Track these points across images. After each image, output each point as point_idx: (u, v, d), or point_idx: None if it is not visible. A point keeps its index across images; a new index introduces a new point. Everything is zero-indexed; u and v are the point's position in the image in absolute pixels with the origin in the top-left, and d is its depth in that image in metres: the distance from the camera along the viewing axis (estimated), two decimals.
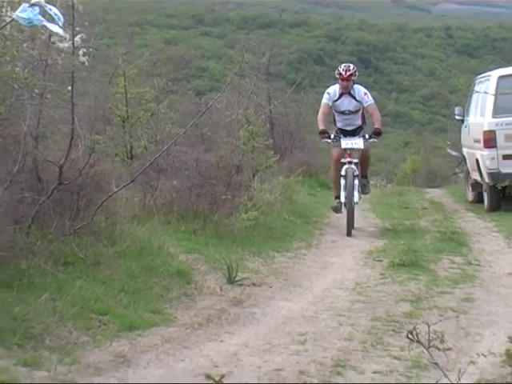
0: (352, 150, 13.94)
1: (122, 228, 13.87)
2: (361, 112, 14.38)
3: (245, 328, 11.48)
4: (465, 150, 23.09)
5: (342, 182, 14.13)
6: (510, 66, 22.57)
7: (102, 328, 10.77)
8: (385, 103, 53.85)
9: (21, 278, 11.04)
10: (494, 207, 20.35)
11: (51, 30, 11.97)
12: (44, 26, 11.80)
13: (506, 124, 20.27)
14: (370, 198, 24.70)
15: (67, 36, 12.28)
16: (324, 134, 14.47)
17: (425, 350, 4.46)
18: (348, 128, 14.23)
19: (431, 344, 4.27)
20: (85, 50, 13.17)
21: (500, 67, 22.58)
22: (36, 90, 12.54)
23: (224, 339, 10.87)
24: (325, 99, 14.32)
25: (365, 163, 14.58)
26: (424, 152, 32.72)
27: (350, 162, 13.76)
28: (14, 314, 10.10)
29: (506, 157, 20.26)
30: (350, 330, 11.42)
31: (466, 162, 23.39)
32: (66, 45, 12.44)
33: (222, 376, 3.79)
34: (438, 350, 4.36)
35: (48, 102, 12.73)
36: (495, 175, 20.51)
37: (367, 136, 14.28)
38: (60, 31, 12.02)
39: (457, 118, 23.79)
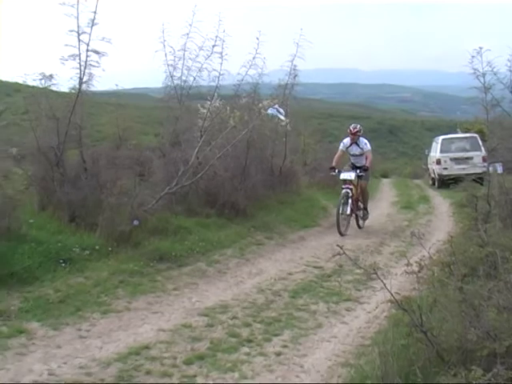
0: (348, 180, 10.89)
1: (301, 190, 13.75)
2: (364, 155, 11.32)
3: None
4: (429, 166, 22.53)
5: (340, 198, 10.73)
6: (446, 134, 22.14)
7: (293, 226, 10.75)
8: (396, 148, 51.95)
9: (261, 208, 10.92)
10: (440, 187, 19.95)
11: (279, 118, 12.13)
12: (278, 116, 11.98)
13: (445, 156, 19.99)
14: (392, 182, 24.26)
15: (285, 119, 12.39)
16: (332, 169, 11.20)
17: (416, 238, 4.51)
18: (357, 164, 11.30)
19: (419, 236, 4.34)
20: (289, 125, 13.26)
21: (442, 134, 22.12)
22: (276, 141, 12.67)
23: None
24: (340, 146, 11.42)
25: (364, 197, 11.48)
26: (412, 166, 31.90)
27: (347, 188, 10.72)
28: (261, 220, 10.21)
29: (444, 168, 20.05)
30: (385, 230, 11.34)
31: (429, 170, 22.82)
32: (284, 122, 12.53)
33: (342, 246, 3.83)
34: (421, 238, 4.42)
35: (277, 143, 12.79)
36: (440, 175, 20.24)
37: (358, 171, 11.06)
38: (282, 118, 12.17)
39: (426, 153, 23.28)
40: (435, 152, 21.13)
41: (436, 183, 21.03)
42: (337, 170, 11.00)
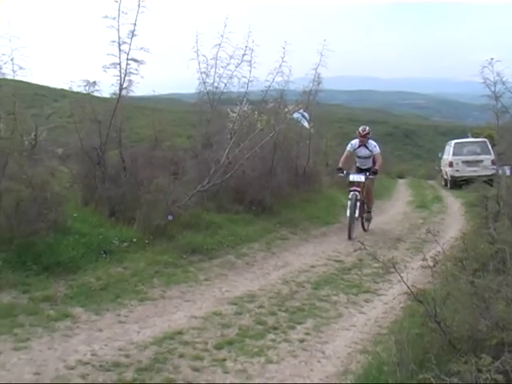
0: (356, 182, 9.98)
1: (323, 189, 13.52)
2: (372, 158, 10.36)
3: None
4: (442, 168, 22.22)
5: (348, 202, 9.87)
6: (458, 139, 21.88)
7: (316, 223, 10.64)
8: (411, 151, 51.11)
9: (286, 205, 10.84)
10: (452, 187, 19.76)
11: (303, 122, 12.11)
12: (301, 121, 11.96)
13: (457, 159, 19.88)
14: (408, 182, 23.87)
15: (308, 123, 12.35)
16: (339, 170, 10.26)
17: (430, 235, 4.48)
18: (363, 167, 10.36)
19: (434, 233, 4.31)
20: (313, 128, 13.16)
21: (454, 139, 21.90)
22: (300, 143, 12.57)
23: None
24: (348, 147, 10.39)
25: (369, 199, 10.53)
26: (426, 168, 31.48)
27: (355, 190, 9.83)
28: (286, 217, 10.13)
29: (456, 170, 19.96)
30: (401, 228, 11.22)
31: (442, 172, 22.52)
32: (307, 126, 12.51)
33: (363, 242, 3.78)
34: (435, 235, 4.39)
35: (302, 146, 12.61)
36: (452, 176, 20.12)
37: (367, 174, 10.12)
38: (306, 124, 12.13)
39: (439, 156, 23.02)
40: (448, 155, 21.01)
41: (448, 184, 20.82)
42: (345, 172, 10.28)
